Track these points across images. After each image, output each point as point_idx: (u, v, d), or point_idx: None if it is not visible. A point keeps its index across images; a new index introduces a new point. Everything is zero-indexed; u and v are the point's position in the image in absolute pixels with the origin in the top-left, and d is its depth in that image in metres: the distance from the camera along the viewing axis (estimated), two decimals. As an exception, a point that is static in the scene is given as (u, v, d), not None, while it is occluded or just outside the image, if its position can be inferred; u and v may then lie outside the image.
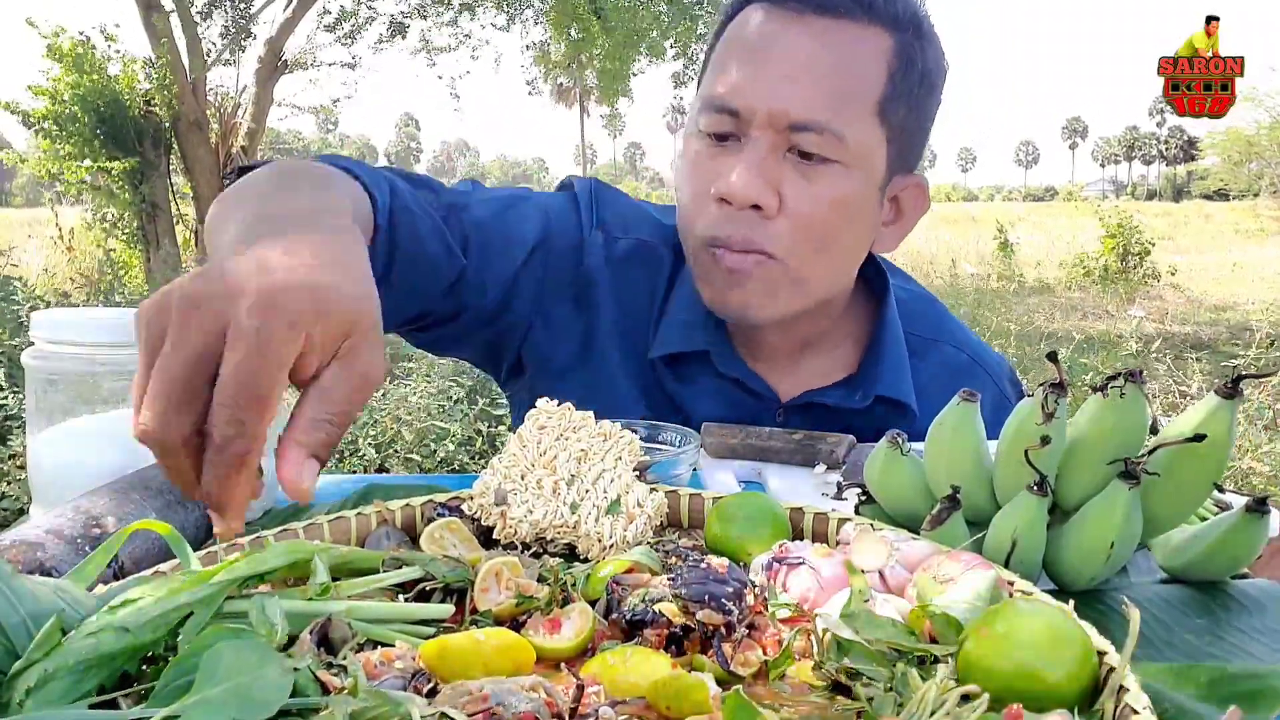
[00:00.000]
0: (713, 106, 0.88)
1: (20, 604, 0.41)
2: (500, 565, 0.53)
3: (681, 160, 0.94)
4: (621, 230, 1.02)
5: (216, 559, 0.54)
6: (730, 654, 0.48)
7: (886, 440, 0.65)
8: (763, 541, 0.59)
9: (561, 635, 0.49)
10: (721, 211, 0.88)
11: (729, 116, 0.87)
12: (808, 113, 0.85)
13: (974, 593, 0.48)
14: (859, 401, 0.97)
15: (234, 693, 0.37)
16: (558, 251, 0.99)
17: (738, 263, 0.88)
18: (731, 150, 0.88)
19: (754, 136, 0.87)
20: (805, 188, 0.87)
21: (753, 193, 0.85)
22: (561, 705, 0.40)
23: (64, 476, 0.66)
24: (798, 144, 0.86)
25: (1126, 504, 0.56)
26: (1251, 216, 19.38)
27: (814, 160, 0.86)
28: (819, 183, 0.87)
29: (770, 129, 0.86)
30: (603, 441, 0.66)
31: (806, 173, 0.87)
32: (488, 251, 0.95)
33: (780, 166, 0.87)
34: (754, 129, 0.86)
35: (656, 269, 1.01)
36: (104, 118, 8.37)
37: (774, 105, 0.85)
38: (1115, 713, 0.41)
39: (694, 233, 0.91)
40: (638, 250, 1.01)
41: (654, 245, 1.02)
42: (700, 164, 0.90)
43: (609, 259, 1.00)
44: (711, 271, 0.90)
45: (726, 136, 0.89)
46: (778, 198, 0.86)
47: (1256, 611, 0.58)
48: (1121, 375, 0.57)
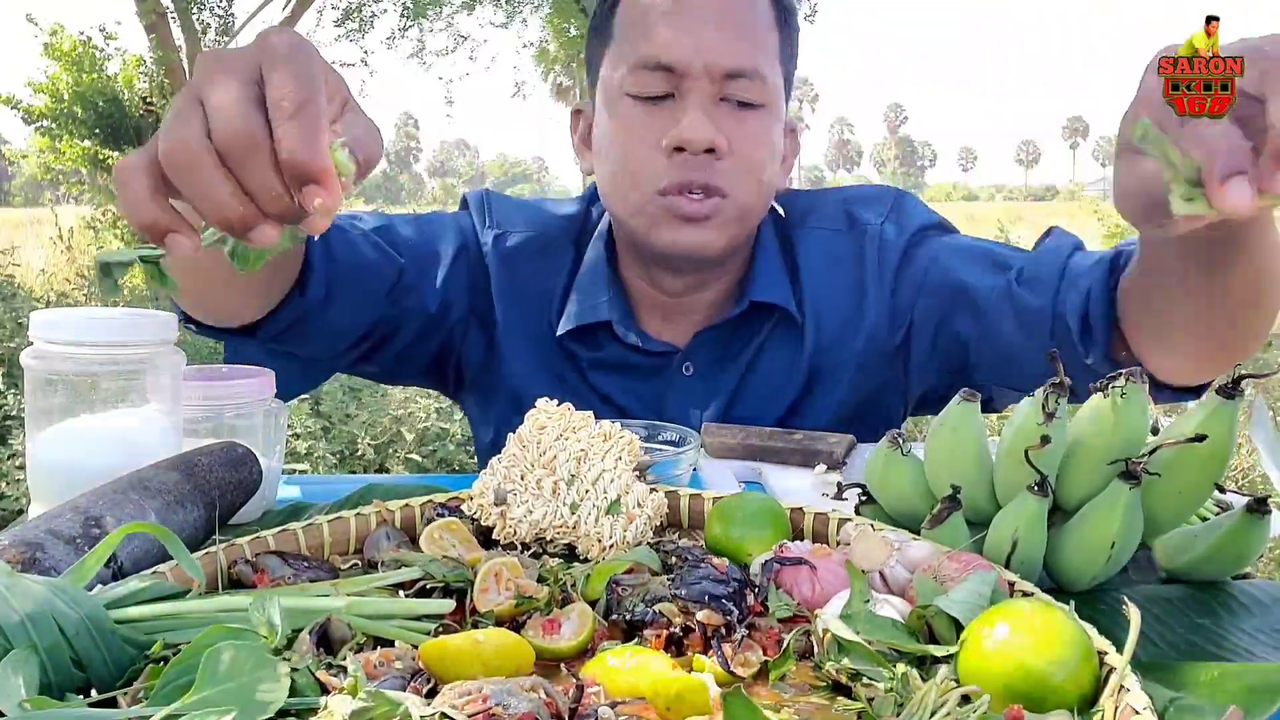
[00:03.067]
0: (646, 65, 0.93)
1: (19, 604, 0.41)
2: (500, 565, 0.53)
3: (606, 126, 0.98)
4: (511, 225, 1.07)
5: (215, 559, 0.54)
6: (730, 654, 0.48)
7: (886, 440, 0.65)
8: (763, 541, 0.59)
9: (561, 636, 0.49)
10: (675, 160, 0.93)
11: (663, 74, 0.92)
12: (738, 61, 0.92)
13: (974, 593, 0.48)
14: (735, 309, 1.02)
15: (234, 692, 0.37)
16: (473, 255, 1.05)
17: (696, 209, 0.94)
18: (665, 107, 0.93)
19: (694, 88, 0.92)
20: (743, 130, 0.94)
21: (708, 135, 0.91)
22: (561, 705, 0.40)
23: (63, 476, 0.66)
24: (732, 92, 0.93)
25: (1127, 504, 0.56)
26: (1251, 216, 19.35)
27: (743, 105, 0.94)
28: (751, 124, 0.95)
29: (706, 79, 0.92)
30: (603, 441, 0.66)
31: (740, 116, 0.94)
32: (420, 259, 1.01)
33: (719, 112, 0.93)
34: (692, 81, 0.92)
35: (552, 258, 1.06)
36: (103, 115, 8.37)
37: (710, 58, 0.92)
38: (1115, 713, 0.41)
39: (644, 186, 0.95)
40: (528, 243, 1.06)
41: (546, 237, 1.07)
42: (636, 122, 0.95)
43: (501, 254, 1.05)
44: (664, 219, 0.95)
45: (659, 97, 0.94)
46: (726, 139, 0.93)
47: (1258, 611, 0.58)
48: (1121, 375, 0.57)
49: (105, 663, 0.42)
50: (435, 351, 1.05)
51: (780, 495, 0.78)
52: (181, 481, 0.62)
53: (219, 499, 0.64)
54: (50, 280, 7.28)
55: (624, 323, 1.02)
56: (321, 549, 0.60)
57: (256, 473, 0.69)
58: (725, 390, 1.03)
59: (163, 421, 0.69)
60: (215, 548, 0.55)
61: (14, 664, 0.39)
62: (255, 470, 0.69)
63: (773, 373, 1.03)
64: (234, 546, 0.56)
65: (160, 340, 0.68)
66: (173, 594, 0.49)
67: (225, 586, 0.54)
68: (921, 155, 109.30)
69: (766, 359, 1.03)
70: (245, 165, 0.46)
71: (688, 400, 1.03)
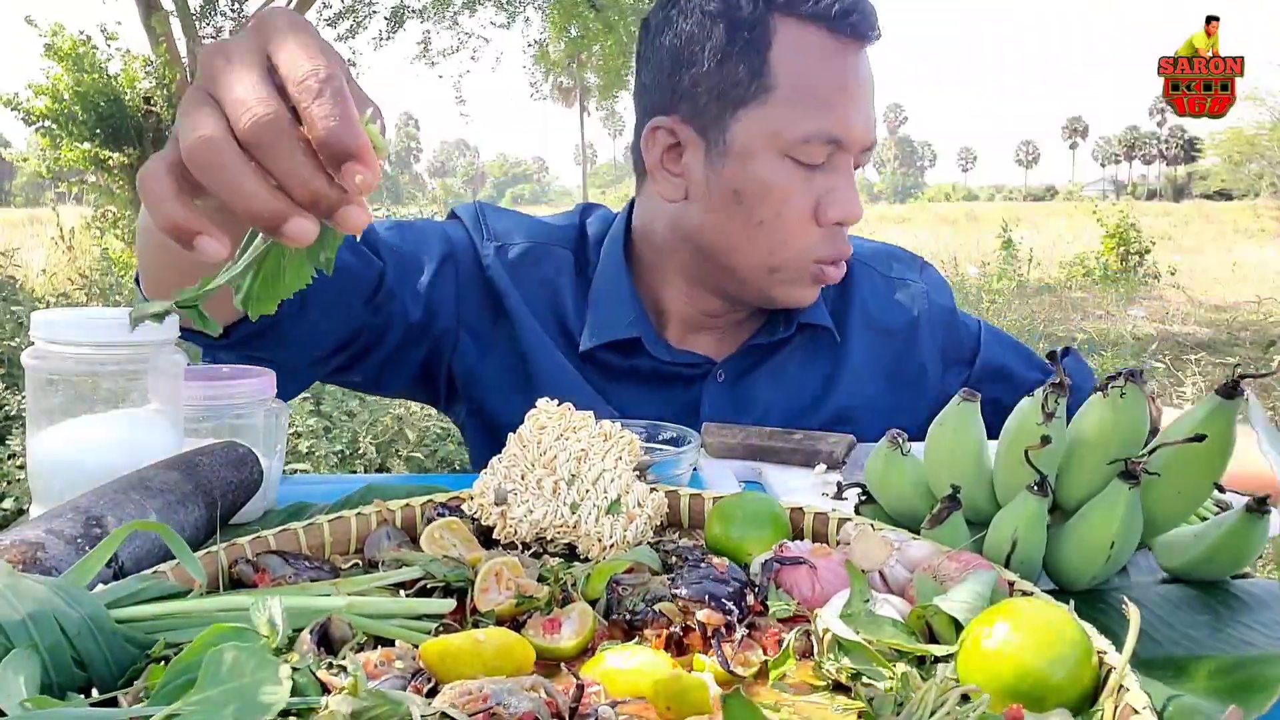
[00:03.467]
0: (819, 139, 0.94)
1: (20, 603, 0.41)
2: (500, 565, 0.53)
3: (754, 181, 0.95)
4: (509, 238, 1.07)
5: (216, 559, 0.54)
6: (730, 654, 0.48)
7: (886, 440, 0.65)
8: (763, 541, 0.59)
9: (561, 635, 0.49)
10: (832, 232, 0.97)
11: (831, 147, 0.94)
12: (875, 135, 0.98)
13: (974, 593, 0.48)
14: (784, 331, 1.05)
15: (234, 692, 0.37)
16: (463, 264, 1.04)
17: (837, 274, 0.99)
18: (822, 172, 0.95)
19: (848, 163, 0.96)
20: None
21: (862, 212, 0.97)
22: (561, 705, 0.40)
23: (64, 476, 0.66)
24: (861, 163, 0.98)
25: (1127, 504, 0.56)
26: (1252, 216, 19.37)
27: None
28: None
29: (855, 153, 0.96)
30: (603, 441, 0.66)
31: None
32: (402, 264, 0.99)
33: None
34: (848, 156, 0.96)
35: (555, 268, 1.07)
36: (104, 115, 8.37)
37: (869, 138, 0.96)
38: (1115, 713, 0.41)
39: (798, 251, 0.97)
40: (529, 253, 1.06)
41: (546, 246, 1.07)
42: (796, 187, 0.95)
43: (506, 266, 1.05)
44: (806, 280, 0.99)
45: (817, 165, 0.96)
46: None
47: (1258, 608, 0.58)
48: (1121, 375, 0.57)
49: (106, 662, 0.42)
50: (422, 360, 1.04)
51: (780, 495, 0.78)
52: (182, 481, 0.62)
53: (220, 499, 0.64)
54: (51, 280, 7.28)
55: (650, 336, 1.03)
56: (322, 549, 0.60)
57: (257, 472, 0.69)
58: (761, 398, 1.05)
59: (163, 421, 0.69)
60: (216, 547, 0.55)
61: (15, 663, 0.39)
62: (256, 470, 0.69)
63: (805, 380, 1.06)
64: (235, 546, 0.56)
65: (161, 340, 0.68)
66: (174, 593, 0.49)
67: (226, 586, 0.54)
68: (921, 155, 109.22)
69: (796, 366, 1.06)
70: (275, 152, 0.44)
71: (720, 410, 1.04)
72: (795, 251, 0.97)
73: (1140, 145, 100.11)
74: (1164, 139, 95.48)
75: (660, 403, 1.04)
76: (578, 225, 1.11)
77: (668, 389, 1.05)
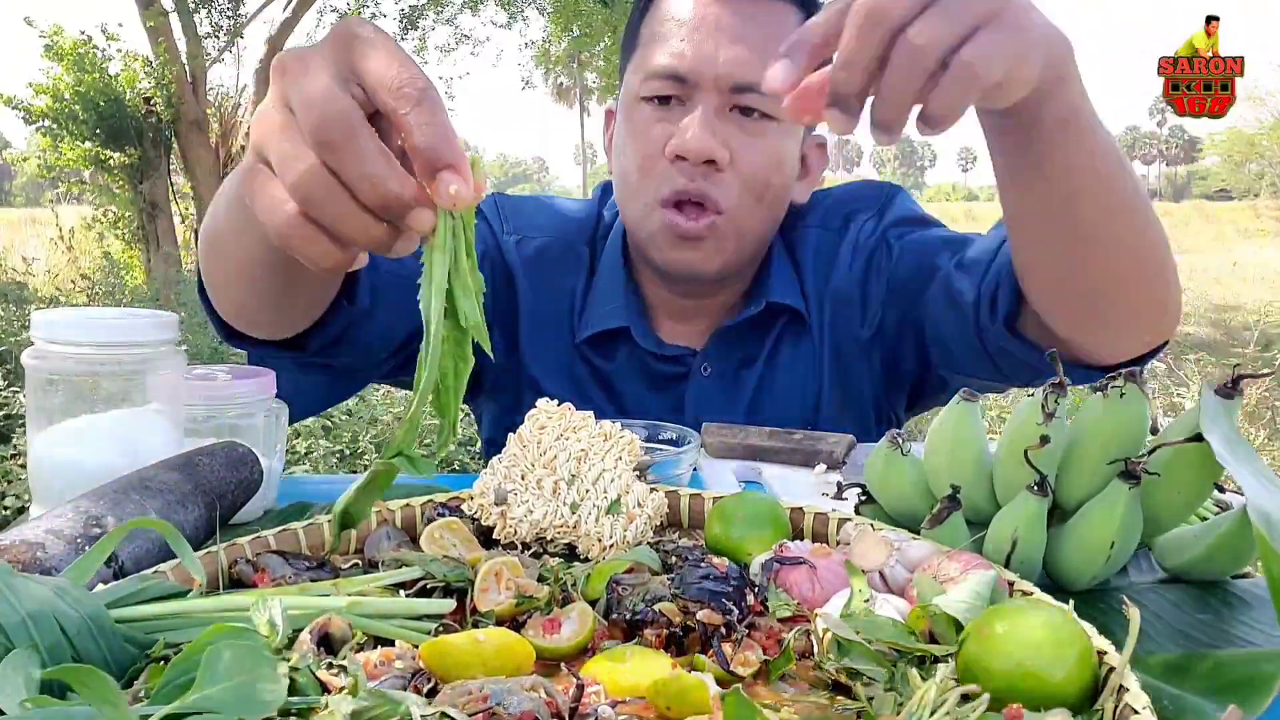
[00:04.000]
0: (656, 74, 0.94)
1: (20, 603, 0.41)
2: (500, 565, 0.53)
3: (622, 130, 0.99)
4: (530, 231, 1.08)
5: (216, 559, 0.54)
6: (730, 654, 0.48)
7: (886, 440, 0.65)
8: (763, 541, 0.59)
9: (560, 635, 0.49)
10: (675, 168, 0.93)
11: (675, 82, 0.94)
12: (750, 74, 0.92)
13: (974, 593, 0.48)
14: (751, 309, 1.02)
15: (234, 691, 0.37)
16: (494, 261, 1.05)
17: (692, 229, 0.94)
18: (676, 113, 0.94)
19: (701, 99, 0.93)
20: (749, 143, 0.94)
21: (708, 147, 0.91)
22: (561, 705, 0.40)
23: (64, 476, 0.66)
24: (741, 103, 0.93)
25: (1127, 504, 0.56)
26: (1252, 217, 19.36)
27: (754, 117, 0.94)
28: (760, 138, 0.95)
29: (715, 90, 0.93)
30: (603, 441, 0.66)
31: (749, 129, 0.94)
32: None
33: (726, 125, 0.93)
34: (700, 92, 0.93)
35: (572, 265, 1.07)
36: (104, 115, 8.37)
37: (719, 70, 0.92)
38: (1115, 713, 0.41)
39: (645, 194, 0.96)
40: (550, 248, 1.07)
41: (566, 242, 1.07)
42: (646, 128, 0.95)
43: (524, 259, 1.06)
44: (663, 236, 0.96)
45: (669, 99, 0.94)
46: (729, 152, 0.93)
47: (1258, 605, 0.58)
48: (1121, 375, 0.57)
49: (106, 662, 0.42)
50: None
51: (780, 495, 0.78)
52: (182, 481, 0.62)
53: (220, 499, 0.64)
54: (52, 280, 7.28)
55: (640, 327, 1.03)
56: (322, 549, 0.60)
57: (257, 472, 0.69)
58: (747, 389, 1.04)
59: (163, 421, 0.69)
60: (216, 547, 0.55)
61: (15, 663, 0.39)
62: (256, 470, 0.69)
63: (793, 370, 1.04)
64: (235, 546, 0.56)
65: (161, 340, 0.68)
66: (174, 593, 0.49)
67: (226, 586, 0.54)
68: (921, 155, 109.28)
69: (784, 357, 1.04)
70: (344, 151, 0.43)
71: (709, 403, 1.03)
72: (644, 195, 0.95)
73: (1140, 145, 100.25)
74: (1164, 139, 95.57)
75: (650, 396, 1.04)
76: (596, 214, 1.10)
77: (657, 384, 1.05)
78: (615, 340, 1.04)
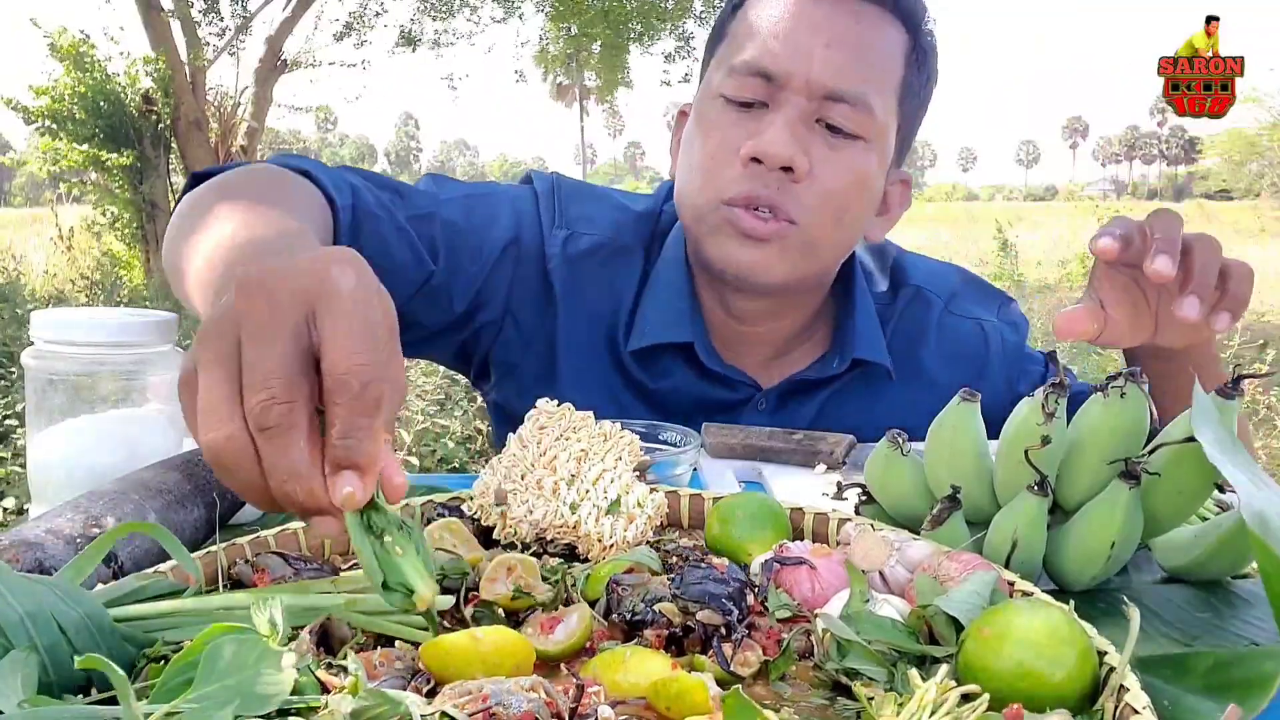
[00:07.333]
0: (744, 70, 0.88)
1: (19, 603, 0.41)
2: (515, 561, 0.53)
3: (694, 127, 0.93)
4: (584, 226, 1.00)
5: (215, 559, 0.54)
6: (730, 654, 0.48)
7: (886, 440, 0.65)
8: (763, 541, 0.59)
9: (555, 637, 0.49)
10: (749, 171, 0.87)
11: (760, 81, 0.87)
12: (844, 83, 0.86)
13: (974, 593, 0.48)
14: (837, 368, 0.99)
15: (234, 689, 0.37)
16: (526, 249, 0.98)
17: (755, 227, 0.88)
18: (757, 116, 0.88)
19: (788, 101, 0.87)
20: (832, 157, 0.88)
21: (788, 152, 0.85)
22: (561, 705, 0.40)
23: (64, 476, 0.66)
24: (828, 115, 0.87)
25: (1127, 504, 0.56)
26: (1252, 216, 19.36)
27: (840, 133, 0.88)
28: (844, 154, 0.88)
29: (805, 95, 0.86)
30: (603, 441, 0.66)
31: (833, 144, 0.88)
32: (458, 255, 0.94)
33: (810, 134, 0.88)
34: (789, 94, 0.87)
35: (623, 266, 1.00)
36: (104, 115, 8.37)
37: (813, 73, 0.86)
38: (1115, 713, 0.41)
39: (710, 192, 0.89)
40: (600, 247, 0.99)
41: (620, 243, 1.00)
42: (722, 126, 0.89)
43: (568, 258, 0.98)
44: (724, 230, 0.89)
45: (751, 104, 0.88)
46: (809, 161, 0.87)
47: (1258, 604, 0.58)
48: (1121, 375, 0.57)
49: (106, 662, 0.42)
50: (460, 343, 1.00)
51: (780, 495, 0.78)
52: (182, 481, 0.62)
53: (219, 499, 0.64)
54: (52, 281, 7.28)
55: (705, 344, 0.97)
56: (322, 548, 0.60)
57: (257, 472, 0.69)
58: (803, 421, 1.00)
59: (163, 421, 0.69)
60: (216, 547, 0.55)
61: (14, 663, 0.39)
62: (255, 470, 0.69)
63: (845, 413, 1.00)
64: (234, 546, 0.56)
65: (160, 340, 0.68)
66: (173, 593, 0.49)
67: (226, 586, 0.54)
68: (921, 155, 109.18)
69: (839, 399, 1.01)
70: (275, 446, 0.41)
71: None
72: (708, 193, 0.89)
73: (1140, 145, 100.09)
74: (1164, 139, 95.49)
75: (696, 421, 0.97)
76: (657, 212, 1.03)
77: (708, 408, 0.99)
78: (663, 359, 0.98)
